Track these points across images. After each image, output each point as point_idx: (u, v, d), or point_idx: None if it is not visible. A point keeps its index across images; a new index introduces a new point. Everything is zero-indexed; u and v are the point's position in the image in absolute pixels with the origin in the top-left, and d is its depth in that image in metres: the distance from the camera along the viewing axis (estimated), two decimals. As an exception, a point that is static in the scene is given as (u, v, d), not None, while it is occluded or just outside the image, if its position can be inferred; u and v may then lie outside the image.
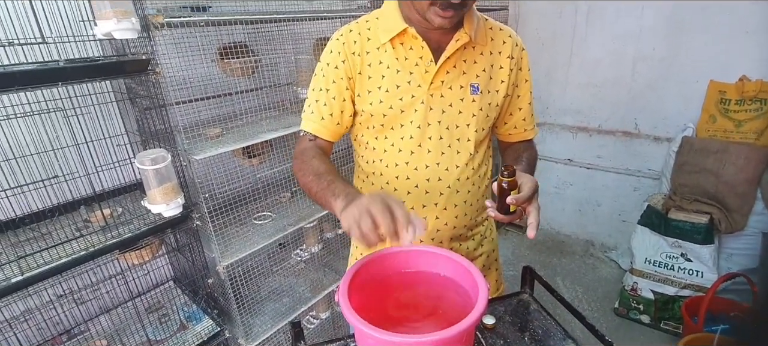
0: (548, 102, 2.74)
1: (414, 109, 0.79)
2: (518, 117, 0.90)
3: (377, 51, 0.79)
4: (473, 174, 0.84)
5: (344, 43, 0.79)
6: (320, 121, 0.82)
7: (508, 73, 0.83)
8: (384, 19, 0.79)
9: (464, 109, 0.80)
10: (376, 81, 0.79)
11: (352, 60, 0.79)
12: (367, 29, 0.80)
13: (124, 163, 1.42)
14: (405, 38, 0.78)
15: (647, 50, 2.27)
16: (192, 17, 1.14)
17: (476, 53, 0.81)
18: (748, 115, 1.99)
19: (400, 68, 0.78)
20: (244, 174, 1.73)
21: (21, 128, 1.20)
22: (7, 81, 0.90)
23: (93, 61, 1.04)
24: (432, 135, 0.80)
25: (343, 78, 0.79)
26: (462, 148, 0.82)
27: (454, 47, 0.76)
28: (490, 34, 0.83)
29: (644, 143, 2.41)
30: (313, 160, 0.79)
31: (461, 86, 0.79)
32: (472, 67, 0.80)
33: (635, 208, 2.35)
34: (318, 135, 0.83)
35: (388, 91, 0.78)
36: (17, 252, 1.11)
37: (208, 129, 1.50)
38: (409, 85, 0.78)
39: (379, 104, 0.78)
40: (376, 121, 0.80)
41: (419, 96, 0.78)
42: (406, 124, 0.80)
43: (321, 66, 0.82)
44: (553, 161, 2.80)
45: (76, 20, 1.18)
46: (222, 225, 1.53)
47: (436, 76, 0.78)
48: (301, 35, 1.80)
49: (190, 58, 1.39)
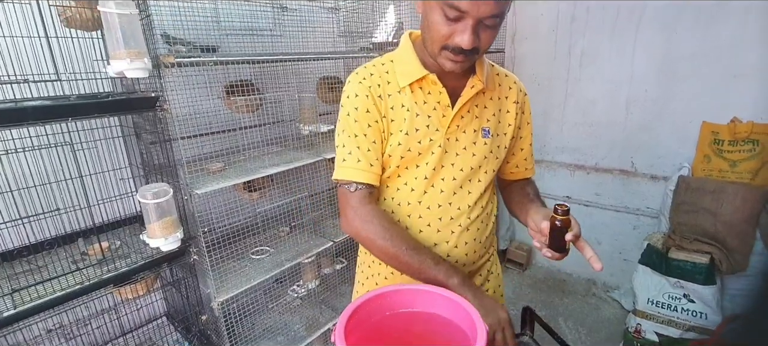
0: (545, 140, 2.79)
1: (431, 151, 0.80)
2: (520, 157, 0.94)
3: (398, 94, 0.80)
4: (482, 212, 0.86)
5: (370, 86, 0.79)
6: (369, 169, 0.79)
7: (514, 117, 0.87)
8: (401, 63, 0.81)
9: (477, 151, 0.83)
10: (398, 124, 0.80)
11: (378, 103, 0.79)
12: (386, 72, 0.82)
13: (125, 196, 1.43)
14: (424, 83, 0.80)
15: (640, 92, 2.34)
16: (201, 58, 1.18)
17: (486, 98, 0.84)
18: (741, 155, 2.03)
19: (420, 112, 0.80)
20: (243, 208, 1.73)
21: (26, 160, 1.23)
22: (20, 116, 0.93)
23: (103, 98, 1.08)
24: (445, 176, 0.82)
25: (378, 120, 0.79)
26: (473, 188, 0.84)
27: (470, 94, 0.80)
28: (498, 80, 0.87)
29: (641, 182, 2.43)
30: (376, 219, 0.77)
31: (474, 130, 0.82)
32: (484, 112, 0.84)
33: (635, 246, 2.34)
34: (372, 183, 0.79)
35: (407, 134, 0.79)
36: (12, 285, 1.10)
37: (210, 163, 1.52)
38: (428, 128, 0.80)
39: (398, 146, 0.79)
40: (393, 162, 0.81)
41: (437, 139, 0.80)
42: (422, 166, 0.81)
43: (348, 111, 0.79)
44: (551, 198, 2.81)
45: (89, 59, 1.23)
46: (219, 259, 1.51)
47: (453, 120, 0.81)
48: (305, 73, 1.87)
49: (197, 95, 1.44)
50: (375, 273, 0.92)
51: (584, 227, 0.77)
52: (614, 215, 2.56)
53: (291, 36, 1.62)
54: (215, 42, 1.40)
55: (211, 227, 1.55)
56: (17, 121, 0.94)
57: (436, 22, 0.69)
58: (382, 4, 2.02)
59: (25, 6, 1.03)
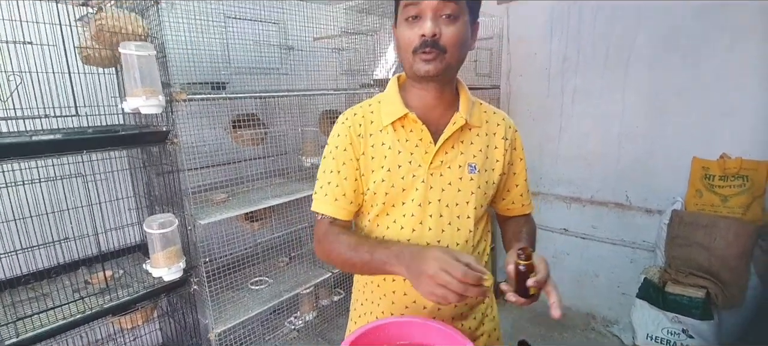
0: (541, 173, 2.85)
1: (415, 187, 0.83)
2: (516, 193, 0.95)
3: (380, 133, 0.85)
4: (473, 250, 0.87)
5: (350, 126, 0.85)
6: (334, 202, 0.85)
7: (503, 153, 0.89)
8: (386, 103, 0.87)
9: (463, 187, 0.85)
10: (379, 161, 0.84)
11: (357, 142, 0.85)
12: (371, 112, 0.88)
13: (131, 226, 1.46)
14: (406, 121, 0.85)
15: (631, 127, 2.41)
16: (211, 95, 1.25)
17: (473, 135, 0.87)
18: (732, 190, 2.08)
19: (402, 149, 0.84)
20: (244, 238, 1.76)
21: (41, 188, 1.27)
22: (39, 148, 0.99)
23: (117, 132, 1.14)
24: (432, 213, 0.83)
25: (353, 159, 0.85)
26: (462, 225, 0.85)
27: (452, 129, 0.83)
28: (485, 117, 0.90)
29: (637, 215, 2.47)
30: (341, 236, 0.83)
31: (459, 166, 0.85)
32: (470, 148, 0.86)
33: (633, 280, 2.34)
34: (335, 216, 0.85)
35: (390, 171, 0.83)
36: (17, 312, 1.11)
37: (214, 194, 1.57)
38: (410, 164, 0.83)
39: (382, 183, 0.83)
40: (378, 200, 0.84)
41: (420, 175, 0.83)
42: (408, 202, 0.84)
43: (330, 149, 0.87)
44: (549, 231, 2.84)
45: (104, 94, 1.30)
46: (218, 289, 1.53)
47: (436, 156, 0.83)
48: (308, 107, 1.95)
49: (204, 127, 1.50)
50: (368, 312, 0.92)
51: (582, 259, 0.77)
52: (611, 248, 2.58)
53: (296, 74, 1.70)
54: (225, 79, 1.48)
55: (211, 257, 1.58)
56: (36, 153, 0.99)
57: (403, 33, 0.77)
58: (383, 43, 2.13)
59: (50, 47, 1.11)
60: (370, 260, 0.77)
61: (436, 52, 0.76)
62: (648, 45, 2.28)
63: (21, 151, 1.00)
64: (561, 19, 2.59)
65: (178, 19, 1.28)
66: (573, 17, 2.53)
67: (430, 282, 0.65)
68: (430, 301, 0.66)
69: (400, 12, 0.78)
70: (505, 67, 2.90)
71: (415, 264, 0.69)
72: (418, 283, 0.68)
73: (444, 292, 0.64)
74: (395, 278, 0.86)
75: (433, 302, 0.66)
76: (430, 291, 0.65)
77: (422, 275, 0.67)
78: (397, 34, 0.81)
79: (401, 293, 0.86)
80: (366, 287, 0.93)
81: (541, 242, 2.82)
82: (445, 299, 0.65)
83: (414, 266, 0.69)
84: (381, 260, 0.75)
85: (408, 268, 0.70)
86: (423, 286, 0.67)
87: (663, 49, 2.23)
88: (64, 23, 1.09)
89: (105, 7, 1.12)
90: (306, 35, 1.70)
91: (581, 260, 2.69)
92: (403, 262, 0.72)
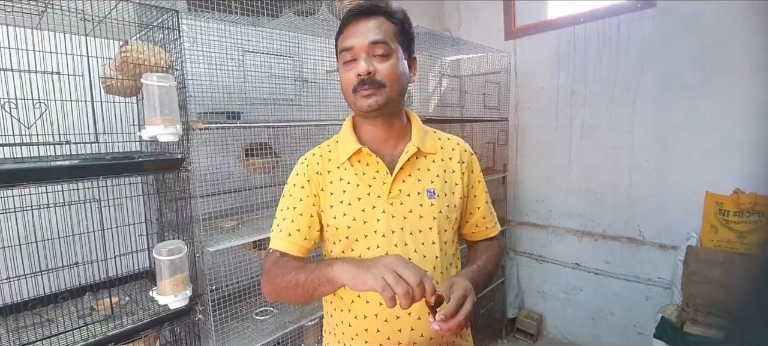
0: (551, 205, 2.82)
1: (376, 218, 0.84)
2: (478, 216, 0.96)
3: (338, 169, 0.88)
4: (442, 277, 0.86)
5: (308, 165, 0.89)
6: (287, 238, 0.86)
7: (460, 176, 0.91)
8: (342, 142, 0.90)
9: (424, 213, 0.86)
10: (338, 196, 0.86)
11: (315, 179, 0.88)
12: (328, 151, 0.92)
13: (140, 252, 1.47)
14: (361, 156, 0.88)
15: (641, 161, 2.40)
16: (226, 124, 1.29)
17: (428, 161, 0.90)
18: (748, 226, 2.03)
19: (360, 182, 0.86)
20: (250, 266, 1.75)
21: (55, 213, 1.29)
22: (58, 174, 1.01)
23: (134, 159, 1.16)
24: (397, 242, 0.83)
25: (309, 195, 0.87)
26: (427, 251, 0.85)
27: (405, 157, 0.86)
28: (440, 143, 0.93)
29: (650, 250, 2.41)
30: (289, 262, 0.83)
31: (418, 192, 0.86)
32: (427, 174, 0.88)
33: (649, 319, 2.25)
34: (287, 252, 0.86)
35: (350, 204, 0.85)
36: (20, 338, 1.10)
37: (223, 221, 1.57)
38: (369, 196, 0.85)
39: (343, 217, 0.84)
40: (341, 234, 0.86)
41: (380, 206, 0.84)
42: (371, 234, 0.84)
43: (288, 188, 0.90)
44: (560, 265, 2.77)
45: (122, 122, 1.34)
46: (223, 319, 1.50)
47: (393, 185, 0.85)
48: (317, 137, 1.98)
49: (217, 156, 1.53)
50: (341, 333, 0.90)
51: (596, 296, 0.73)
52: (625, 285, 2.50)
53: (308, 104, 1.75)
54: (239, 109, 1.52)
55: (218, 285, 1.56)
56: (55, 178, 1.02)
57: (343, 75, 0.83)
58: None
59: (77, 77, 1.16)
60: (315, 270, 0.76)
61: (374, 87, 0.80)
62: (653, 83, 2.31)
63: (40, 175, 1.03)
64: (567, 54, 2.65)
65: (198, 52, 1.34)
66: (579, 54, 2.59)
67: (384, 269, 0.65)
68: (376, 291, 0.64)
69: (339, 57, 0.85)
70: (513, 101, 2.94)
71: (368, 263, 0.69)
72: (368, 271, 0.67)
73: (395, 278, 0.64)
74: (366, 315, 0.84)
75: (384, 297, 0.63)
76: (381, 276, 0.64)
77: (376, 262, 0.67)
78: (341, 80, 0.86)
79: (374, 330, 0.84)
80: (336, 329, 0.91)
81: (552, 276, 2.77)
82: (394, 288, 0.63)
83: (365, 264, 0.69)
84: (325, 265, 0.75)
85: (356, 265, 0.70)
86: (373, 272, 0.66)
87: (667, 88, 2.26)
88: (91, 55, 1.14)
89: (130, 41, 1.18)
90: (320, 68, 1.75)
91: (595, 296, 2.61)
92: (348, 262, 0.72)
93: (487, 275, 0.89)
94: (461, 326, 0.68)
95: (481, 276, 0.85)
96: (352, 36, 0.81)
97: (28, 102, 1.14)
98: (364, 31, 0.80)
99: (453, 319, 0.67)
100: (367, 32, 0.80)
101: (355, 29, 0.81)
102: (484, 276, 0.87)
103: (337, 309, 0.90)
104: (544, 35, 2.75)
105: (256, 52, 1.58)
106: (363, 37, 0.80)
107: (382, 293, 0.64)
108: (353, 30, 0.81)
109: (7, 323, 1.22)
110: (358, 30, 0.80)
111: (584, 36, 2.55)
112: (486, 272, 0.88)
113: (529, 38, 2.83)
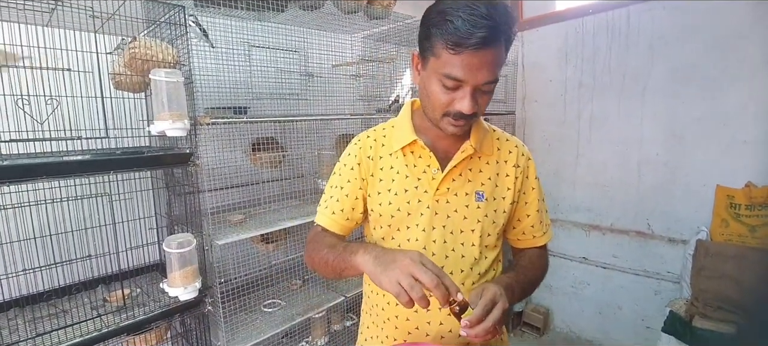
0: (558, 199, 2.80)
1: (420, 212, 0.84)
2: (526, 223, 0.92)
3: (390, 157, 0.87)
4: (479, 279, 0.85)
5: (361, 147, 0.89)
6: (331, 216, 0.88)
7: (514, 181, 0.88)
8: (398, 128, 0.89)
9: (469, 215, 0.84)
10: (387, 184, 0.86)
11: (366, 163, 0.88)
12: (383, 136, 0.90)
13: (150, 245, 1.49)
14: (415, 148, 0.86)
15: (651, 155, 2.37)
16: (234, 119, 1.30)
17: (482, 163, 0.87)
18: (760, 220, 1.99)
19: (409, 174, 0.85)
20: (258, 259, 1.77)
21: (68, 207, 1.32)
22: (70, 168, 1.03)
23: (143, 154, 1.18)
24: (436, 238, 0.83)
25: (358, 178, 0.87)
26: (466, 252, 0.84)
27: (460, 158, 0.84)
28: (497, 145, 0.90)
29: (659, 244, 2.38)
30: (326, 238, 0.85)
31: (467, 193, 0.85)
32: (478, 176, 0.86)
33: (658, 313, 2.24)
34: (329, 228, 0.88)
35: (396, 194, 0.85)
36: (37, 328, 1.14)
37: (231, 215, 1.59)
38: (417, 190, 0.84)
39: (388, 206, 0.85)
40: (384, 222, 0.86)
41: (425, 201, 0.84)
42: (412, 227, 0.84)
43: (339, 166, 0.91)
44: (567, 259, 2.76)
45: (130, 117, 1.36)
46: (232, 311, 1.53)
47: (442, 183, 0.84)
48: (324, 131, 1.99)
49: (224, 150, 1.55)
50: (374, 336, 0.92)
51: (603, 290, 0.72)
52: (634, 279, 2.48)
53: (315, 99, 1.76)
54: (246, 104, 1.54)
55: (226, 278, 1.59)
56: (66, 173, 1.04)
57: (435, 92, 0.74)
58: (399, 70, 2.18)
59: (87, 74, 1.18)
60: (343, 253, 0.76)
61: (468, 120, 0.77)
62: (663, 76, 2.27)
63: (53, 170, 1.05)
64: (575, 47, 2.61)
65: (205, 47, 1.35)
66: (587, 46, 2.55)
67: (399, 272, 0.62)
68: (392, 293, 0.62)
69: (433, 66, 0.73)
70: (521, 93, 2.91)
71: (387, 256, 0.67)
72: (384, 271, 0.64)
73: (410, 283, 0.61)
74: (399, 303, 0.84)
75: (400, 302, 0.62)
76: (396, 280, 0.62)
77: (393, 263, 0.64)
78: (424, 83, 0.78)
79: (404, 318, 0.85)
80: (372, 310, 0.93)
81: (559, 271, 2.75)
82: (409, 291, 0.61)
83: (384, 257, 0.67)
84: (351, 251, 0.74)
85: (376, 257, 0.68)
86: (389, 274, 0.63)
87: (679, 81, 2.22)
88: (101, 52, 1.16)
89: (139, 37, 1.19)
90: (326, 62, 1.76)
91: (603, 291, 2.59)
92: (371, 252, 0.70)
93: (527, 283, 0.84)
94: (489, 332, 0.64)
95: (519, 283, 0.80)
96: (468, 69, 0.69)
97: (40, 98, 1.17)
98: (481, 65, 0.69)
99: (479, 325, 0.64)
100: (482, 68, 0.69)
101: (472, 60, 0.69)
102: (523, 284, 0.82)
103: (373, 291, 0.91)
104: (551, 27, 2.71)
105: (262, 46, 1.59)
106: (479, 74, 0.70)
107: (396, 298, 0.62)
108: (469, 61, 0.69)
109: (24, 313, 1.26)
110: (475, 62, 0.69)
111: (593, 27, 2.51)
112: (526, 280, 0.83)
113: (536, 30, 2.80)
